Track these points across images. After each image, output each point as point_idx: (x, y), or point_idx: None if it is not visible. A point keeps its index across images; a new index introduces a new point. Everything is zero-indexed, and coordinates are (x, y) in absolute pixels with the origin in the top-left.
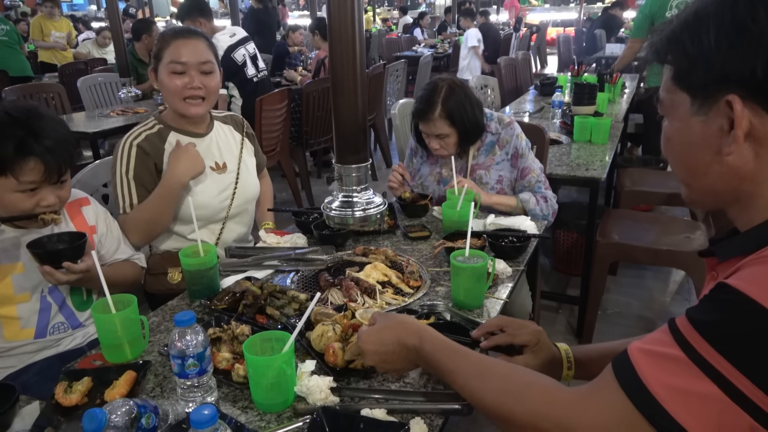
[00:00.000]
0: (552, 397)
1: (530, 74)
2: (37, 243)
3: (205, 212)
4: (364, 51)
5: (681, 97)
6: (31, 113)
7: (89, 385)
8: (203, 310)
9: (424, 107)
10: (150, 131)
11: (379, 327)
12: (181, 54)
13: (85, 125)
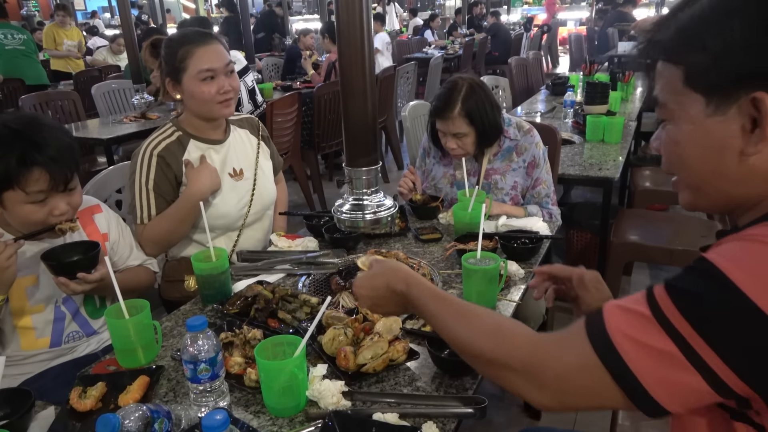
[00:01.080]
0: (522, 338)
1: (542, 74)
2: (51, 254)
3: (224, 221)
4: (373, 54)
5: (692, 98)
6: (31, 124)
7: (103, 390)
8: (215, 315)
9: (443, 105)
10: (169, 139)
11: (372, 273)
12: (208, 61)
13: (100, 132)
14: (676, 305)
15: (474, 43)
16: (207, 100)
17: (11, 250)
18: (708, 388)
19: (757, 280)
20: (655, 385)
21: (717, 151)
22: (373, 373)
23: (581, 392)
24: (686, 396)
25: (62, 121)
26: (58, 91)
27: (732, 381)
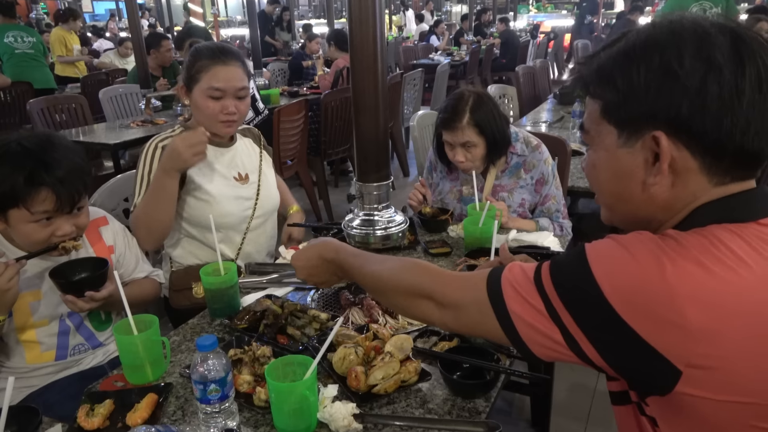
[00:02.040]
0: (434, 271)
1: (549, 82)
2: (58, 271)
3: (228, 220)
4: (386, 71)
5: (608, 129)
6: (43, 143)
7: (111, 407)
8: (224, 329)
9: (451, 115)
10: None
11: (306, 246)
12: (220, 80)
13: (107, 136)
14: (551, 274)
15: (481, 49)
16: (209, 116)
17: (12, 271)
18: (565, 344)
19: (602, 266)
20: (526, 331)
21: (624, 178)
22: (384, 394)
23: (472, 323)
24: (549, 346)
25: (69, 125)
26: (65, 95)
27: (583, 343)
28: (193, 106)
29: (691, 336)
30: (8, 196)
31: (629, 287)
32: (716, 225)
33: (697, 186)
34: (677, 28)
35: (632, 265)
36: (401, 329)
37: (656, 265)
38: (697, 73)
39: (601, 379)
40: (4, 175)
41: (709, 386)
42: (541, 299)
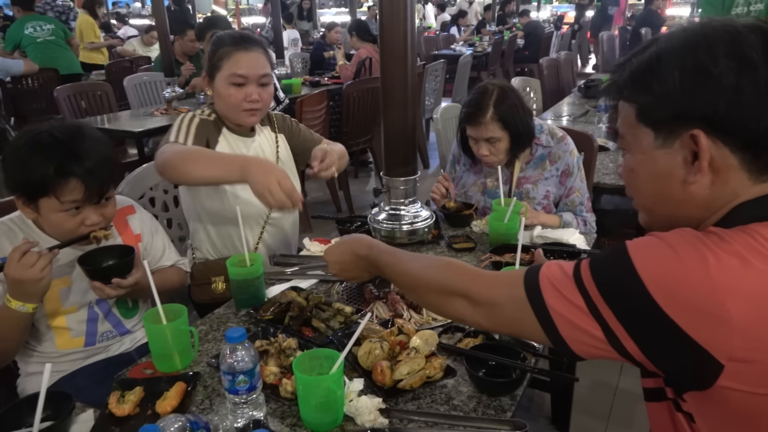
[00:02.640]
0: (467, 270)
1: (573, 75)
2: (87, 258)
3: (250, 210)
4: (416, 66)
5: (644, 132)
6: (73, 134)
7: (141, 395)
8: (249, 320)
9: (475, 110)
10: (207, 118)
11: (340, 241)
12: (242, 66)
13: (131, 124)
14: (591, 271)
15: (503, 40)
16: (232, 105)
17: (45, 261)
18: (606, 340)
19: (645, 261)
20: (565, 328)
21: (663, 179)
22: (409, 390)
23: (508, 321)
24: (589, 343)
25: (95, 112)
26: (91, 83)
27: (624, 339)
28: (216, 95)
29: (733, 329)
30: (39, 185)
31: (672, 281)
32: (758, 223)
33: (737, 183)
34: (708, 30)
35: (675, 259)
36: (426, 325)
37: (699, 259)
38: (732, 72)
39: (623, 377)
40: (36, 165)
41: (750, 380)
42: (581, 296)
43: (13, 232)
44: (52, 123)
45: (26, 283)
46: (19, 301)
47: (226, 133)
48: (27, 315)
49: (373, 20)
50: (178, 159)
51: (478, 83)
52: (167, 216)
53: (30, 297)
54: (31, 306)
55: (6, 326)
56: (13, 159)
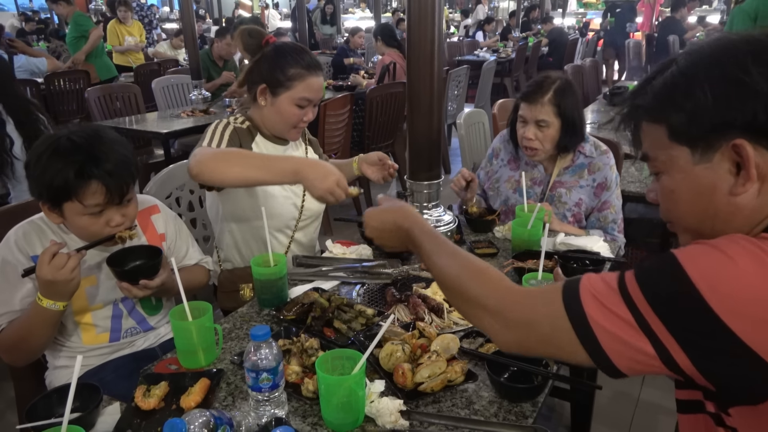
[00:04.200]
0: (502, 284)
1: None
2: (115, 258)
3: (276, 222)
4: (443, 70)
5: (679, 150)
6: (91, 138)
7: (166, 389)
8: (272, 320)
9: (535, 89)
10: (241, 126)
11: (383, 208)
12: (313, 91)
13: (158, 125)
14: (638, 283)
15: (527, 47)
16: (290, 123)
17: (74, 261)
18: (655, 354)
19: (700, 270)
20: (609, 343)
21: (708, 194)
22: (430, 393)
23: (544, 339)
24: (636, 358)
25: (124, 113)
26: (120, 84)
27: (676, 353)
28: (274, 110)
29: None
30: (62, 189)
31: (731, 289)
32: None
33: None
34: (727, 43)
35: (732, 266)
36: (447, 329)
37: (757, 264)
38: (764, 77)
39: (645, 388)
40: (57, 170)
41: None
42: (628, 309)
43: (43, 231)
44: (70, 127)
45: (57, 283)
46: (50, 299)
47: (259, 141)
48: (57, 313)
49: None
50: (218, 158)
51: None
52: (192, 216)
53: (60, 296)
54: (62, 304)
55: (38, 323)
56: (36, 165)
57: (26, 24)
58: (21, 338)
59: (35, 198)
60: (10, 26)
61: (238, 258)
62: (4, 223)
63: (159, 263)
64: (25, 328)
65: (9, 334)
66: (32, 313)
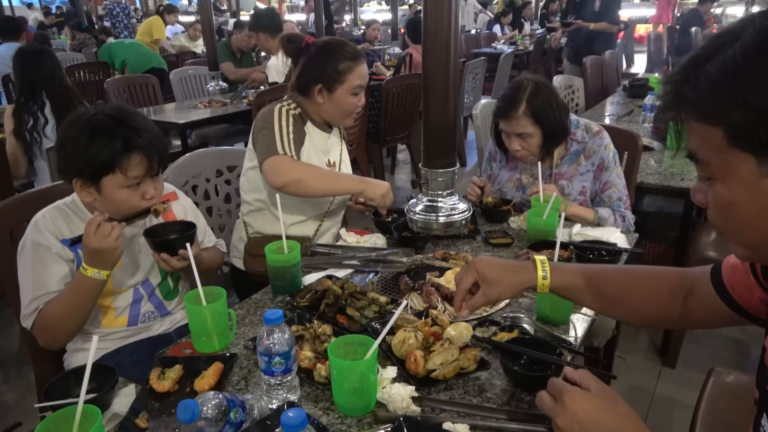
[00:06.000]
0: None
1: (618, 74)
2: (152, 231)
3: (314, 208)
4: (459, 55)
5: (741, 157)
6: (126, 112)
7: (180, 372)
8: (285, 306)
9: (507, 105)
10: (294, 111)
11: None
12: (363, 78)
13: (176, 116)
14: None
15: (545, 39)
16: (349, 111)
17: (118, 230)
18: None
19: None
20: None
21: None
22: (442, 380)
23: None
24: None
25: (142, 104)
26: (139, 76)
27: None
28: (333, 104)
29: None
30: (106, 163)
31: None
32: None
33: None
34: None
35: None
36: (460, 317)
37: None
38: None
39: (660, 382)
40: (102, 144)
41: None
42: None
43: (67, 216)
44: (99, 106)
45: (104, 252)
46: (95, 268)
47: (309, 127)
48: (101, 282)
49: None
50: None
51: None
52: (208, 204)
53: (105, 264)
54: (106, 273)
55: (83, 295)
56: (74, 143)
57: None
58: (61, 315)
59: (69, 177)
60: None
61: (269, 228)
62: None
63: (194, 234)
64: (67, 303)
65: (47, 313)
66: (75, 285)
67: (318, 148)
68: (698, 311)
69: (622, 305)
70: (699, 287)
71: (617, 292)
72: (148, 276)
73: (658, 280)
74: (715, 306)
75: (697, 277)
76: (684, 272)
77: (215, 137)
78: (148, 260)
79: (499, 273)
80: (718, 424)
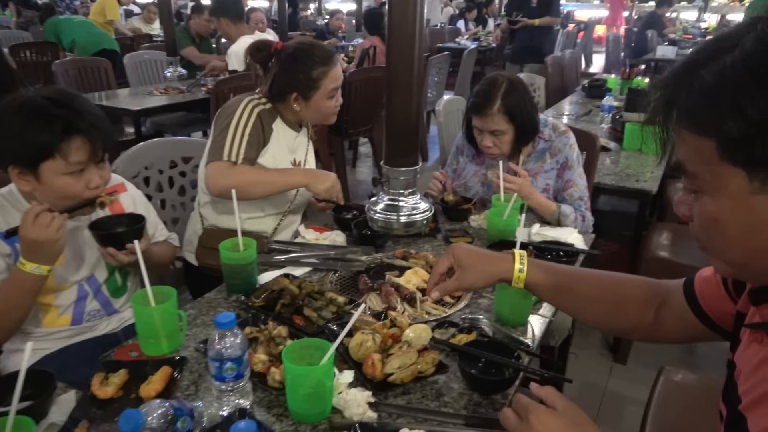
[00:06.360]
0: None
1: (577, 74)
2: (98, 224)
3: (275, 200)
4: (423, 51)
5: (731, 171)
6: (67, 94)
7: (125, 377)
8: (240, 306)
9: (482, 101)
10: (263, 106)
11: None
12: (337, 80)
13: (129, 102)
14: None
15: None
16: (328, 114)
17: (59, 221)
18: None
19: None
20: None
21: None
22: (399, 384)
23: None
24: None
25: (92, 88)
26: (90, 58)
27: None
28: (310, 110)
29: None
30: (45, 147)
31: None
32: None
33: None
34: None
35: None
36: (419, 318)
37: None
38: None
39: (611, 378)
40: (39, 128)
41: None
42: None
43: (3, 207)
44: (37, 89)
45: (44, 243)
46: (34, 263)
47: (278, 123)
48: (40, 278)
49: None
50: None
51: (481, 78)
52: (161, 196)
53: (46, 258)
54: (46, 268)
55: (19, 292)
56: (7, 130)
57: None
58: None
59: (4, 164)
60: None
61: (224, 222)
62: None
63: (143, 227)
64: (2, 301)
65: None
66: (12, 281)
67: (284, 147)
68: (669, 323)
69: (594, 309)
70: (672, 299)
71: (590, 295)
72: (93, 272)
73: (632, 288)
74: (686, 319)
75: (671, 289)
76: (658, 283)
77: (171, 125)
78: (94, 254)
79: (475, 260)
80: (667, 423)
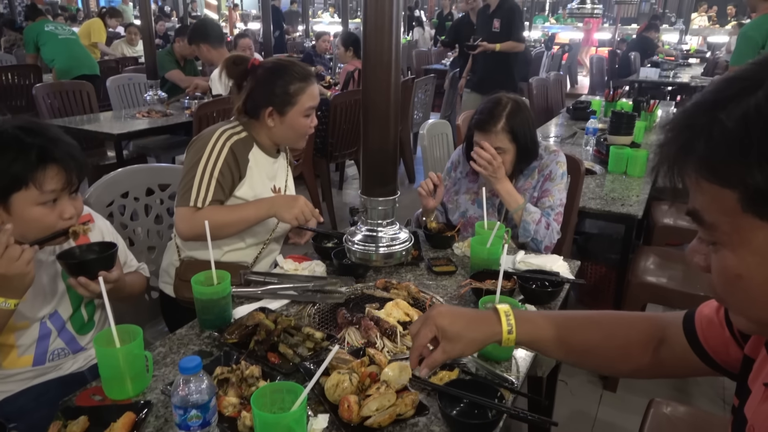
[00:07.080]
0: None
1: (562, 96)
2: (67, 254)
3: (257, 229)
4: (400, 81)
5: (755, 224)
6: (38, 124)
7: (85, 425)
8: (212, 343)
9: (487, 118)
10: (239, 136)
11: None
12: (314, 98)
13: (111, 126)
14: None
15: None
16: (302, 133)
17: (29, 254)
18: None
19: None
20: None
21: None
22: (377, 428)
23: None
24: None
25: (75, 111)
26: (72, 82)
27: None
28: (285, 127)
29: None
30: (18, 177)
31: None
32: None
33: None
34: None
35: None
36: (399, 354)
37: None
38: None
39: (601, 407)
40: (12, 157)
41: None
42: None
43: None
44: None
45: (12, 278)
46: (1, 297)
47: (255, 152)
48: (7, 312)
49: None
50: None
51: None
52: (137, 225)
53: (14, 292)
54: (13, 302)
55: None
56: None
57: None
58: None
59: None
60: None
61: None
62: None
63: (115, 255)
64: None
65: None
66: None
67: (263, 174)
68: (670, 362)
69: (592, 358)
70: (670, 337)
71: (586, 345)
72: (57, 308)
73: (628, 329)
74: (688, 358)
75: (669, 325)
76: (654, 320)
77: (155, 149)
78: (57, 289)
79: (460, 328)
80: None
